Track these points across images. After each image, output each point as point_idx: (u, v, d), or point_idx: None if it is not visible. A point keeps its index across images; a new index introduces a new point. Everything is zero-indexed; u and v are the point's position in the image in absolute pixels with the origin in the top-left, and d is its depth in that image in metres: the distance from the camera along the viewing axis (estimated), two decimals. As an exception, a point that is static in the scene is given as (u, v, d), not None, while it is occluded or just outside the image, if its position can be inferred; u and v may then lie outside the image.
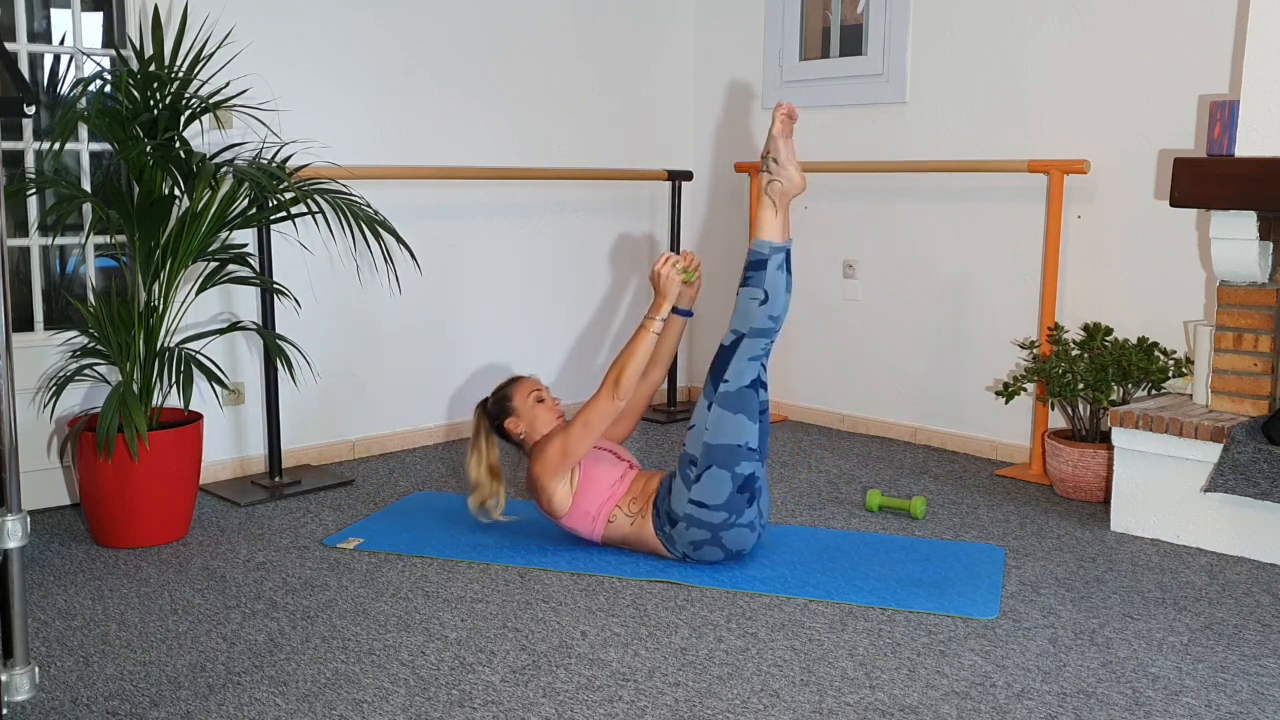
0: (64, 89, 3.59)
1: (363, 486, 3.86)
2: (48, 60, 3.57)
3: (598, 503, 3.09)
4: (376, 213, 3.53)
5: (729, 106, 5.10)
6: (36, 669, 2.16)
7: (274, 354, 3.51)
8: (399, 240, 3.51)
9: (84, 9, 3.55)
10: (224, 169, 3.33)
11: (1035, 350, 4.01)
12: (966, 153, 4.32)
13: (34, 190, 3.37)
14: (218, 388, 3.45)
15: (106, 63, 3.57)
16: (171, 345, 3.35)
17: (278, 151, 3.73)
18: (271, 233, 3.78)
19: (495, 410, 3.24)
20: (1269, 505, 3.15)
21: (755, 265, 2.95)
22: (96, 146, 3.58)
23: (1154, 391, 3.70)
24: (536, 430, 3.18)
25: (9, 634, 1.98)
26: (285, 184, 3.39)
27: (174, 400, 3.68)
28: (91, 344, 3.34)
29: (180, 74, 3.25)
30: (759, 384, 2.96)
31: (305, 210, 3.58)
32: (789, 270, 2.95)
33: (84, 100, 3.18)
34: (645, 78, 5.05)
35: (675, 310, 3.28)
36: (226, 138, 3.77)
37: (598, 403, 3.01)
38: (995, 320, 4.28)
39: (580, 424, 3.02)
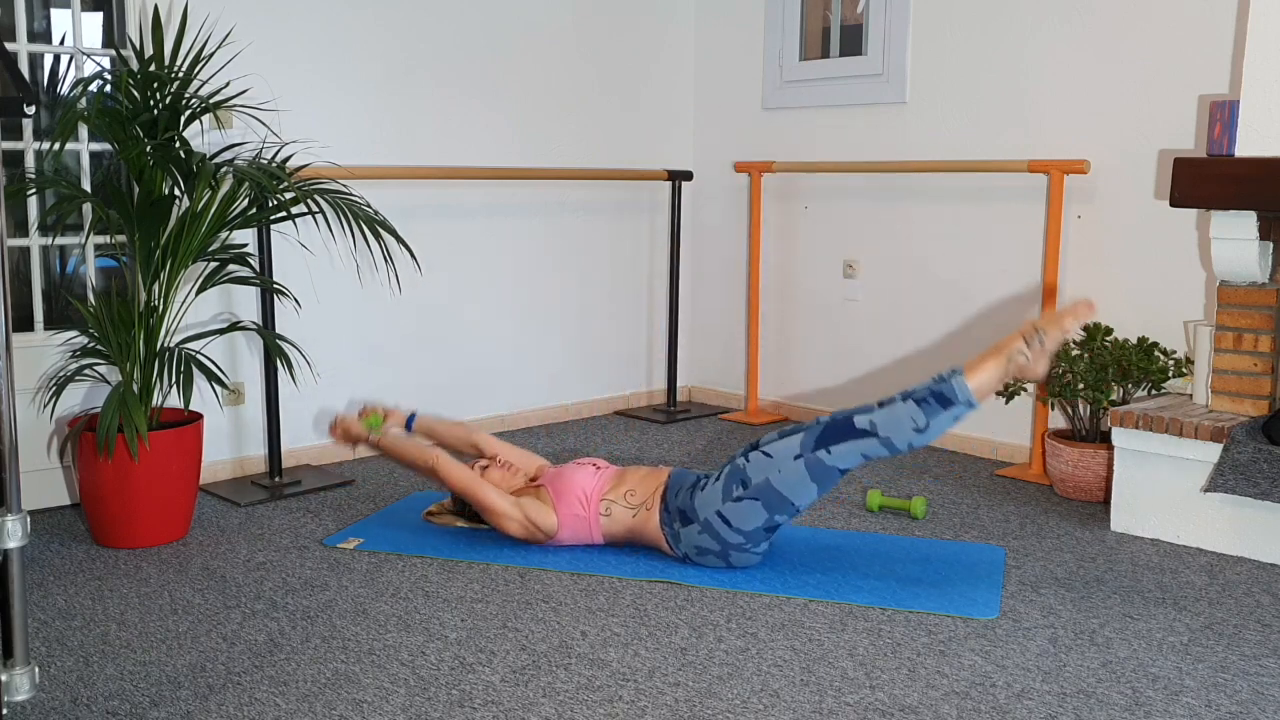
0: (64, 89, 3.59)
1: (363, 486, 3.86)
2: (48, 60, 3.57)
3: (581, 499, 3.11)
4: (376, 213, 3.53)
5: (729, 106, 5.10)
6: (36, 669, 2.16)
7: (274, 354, 3.51)
8: (399, 240, 3.51)
9: (84, 9, 3.55)
10: (224, 169, 3.33)
11: (1035, 350, 4.01)
12: (966, 153, 4.32)
13: (34, 190, 3.37)
14: (218, 388, 3.45)
15: (106, 63, 3.57)
16: (171, 345, 3.35)
17: (278, 151, 3.73)
18: (271, 233, 3.78)
19: (459, 505, 3.34)
20: (1269, 505, 3.15)
21: (942, 400, 2.81)
22: (96, 146, 3.58)
23: (1154, 391, 3.70)
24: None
25: (9, 634, 1.98)
26: (285, 184, 3.39)
27: (174, 400, 3.68)
28: (91, 344, 3.34)
29: (180, 74, 3.25)
30: (847, 472, 2.93)
31: (305, 210, 3.58)
32: (956, 422, 2.86)
33: (84, 100, 3.18)
34: (645, 78, 5.05)
35: (407, 428, 3.46)
36: (226, 138, 3.77)
37: (445, 485, 3.17)
38: (995, 320, 4.28)
39: (466, 496, 3.15)
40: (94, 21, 3.61)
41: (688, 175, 5.00)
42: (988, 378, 2.82)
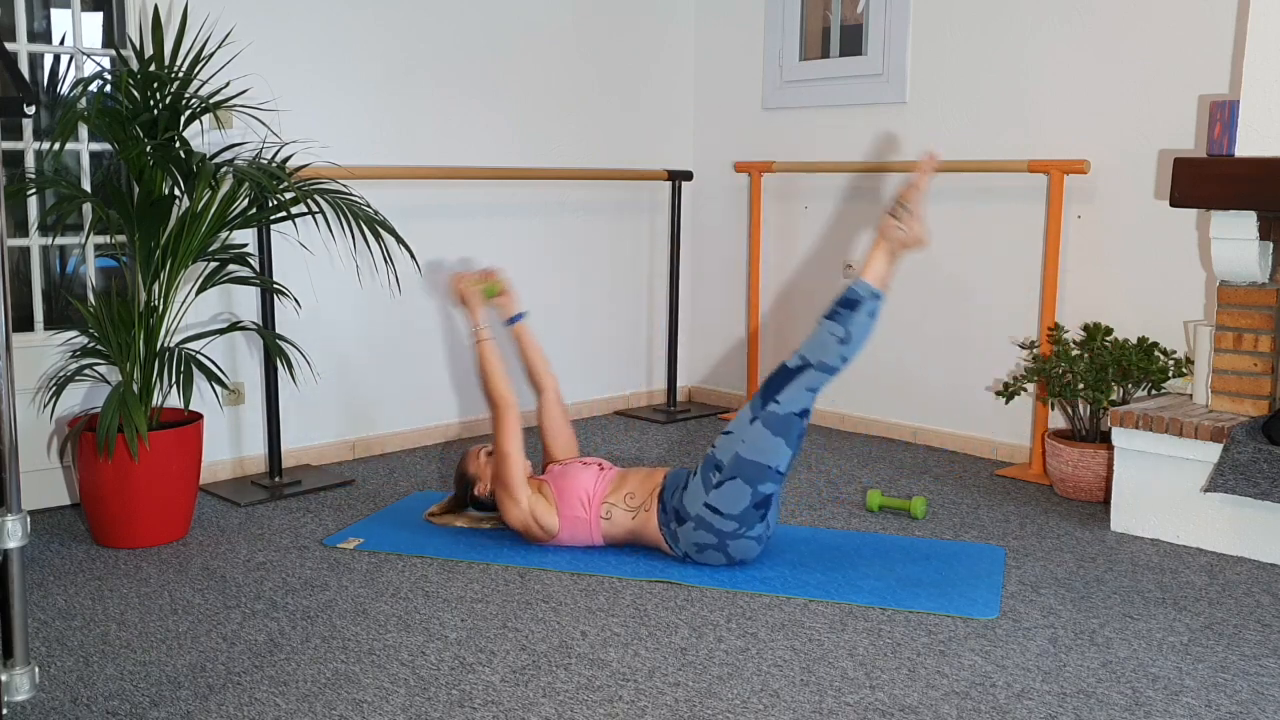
0: (64, 89, 3.59)
1: (363, 486, 3.86)
2: (48, 60, 3.57)
3: (583, 501, 3.10)
4: (376, 213, 3.53)
5: (729, 106, 5.10)
6: (36, 669, 2.16)
7: (274, 354, 3.51)
8: (399, 240, 3.51)
9: (84, 9, 3.55)
10: (224, 169, 3.33)
11: (1035, 350, 4.02)
12: (966, 153, 4.32)
13: (34, 190, 3.37)
14: (218, 388, 3.45)
15: (106, 63, 3.57)
16: (171, 345, 3.35)
17: (278, 151, 3.73)
18: (271, 233, 3.78)
19: (461, 490, 3.33)
20: (1269, 505, 3.15)
21: (848, 303, 2.89)
22: (96, 146, 3.58)
23: (1154, 391, 3.70)
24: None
25: (9, 634, 1.98)
26: (285, 184, 3.39)
27: (174, 400, 3.68)
28: (91, 344, 3.34)
29: (180, 74, 3.25)
30: (806, 413, 2.94)
31: (305, 210, 3.58)
32: (875, 319, 2.91)
33: (84, 100, 3.18)
34: (645, 78, 5.05)
35: (507, 322, 3.41)
36: (226, 138, 3.77)
37: (495, 430, 3.12)
38: (995, 320, 4.29)
39: (498, 458, 3.12)
40: (94, 21, 3.61)
41: (688, 175, 5.00)
42: (878, 265, 2.93)
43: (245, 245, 3.57)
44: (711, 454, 2.99)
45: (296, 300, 4.03)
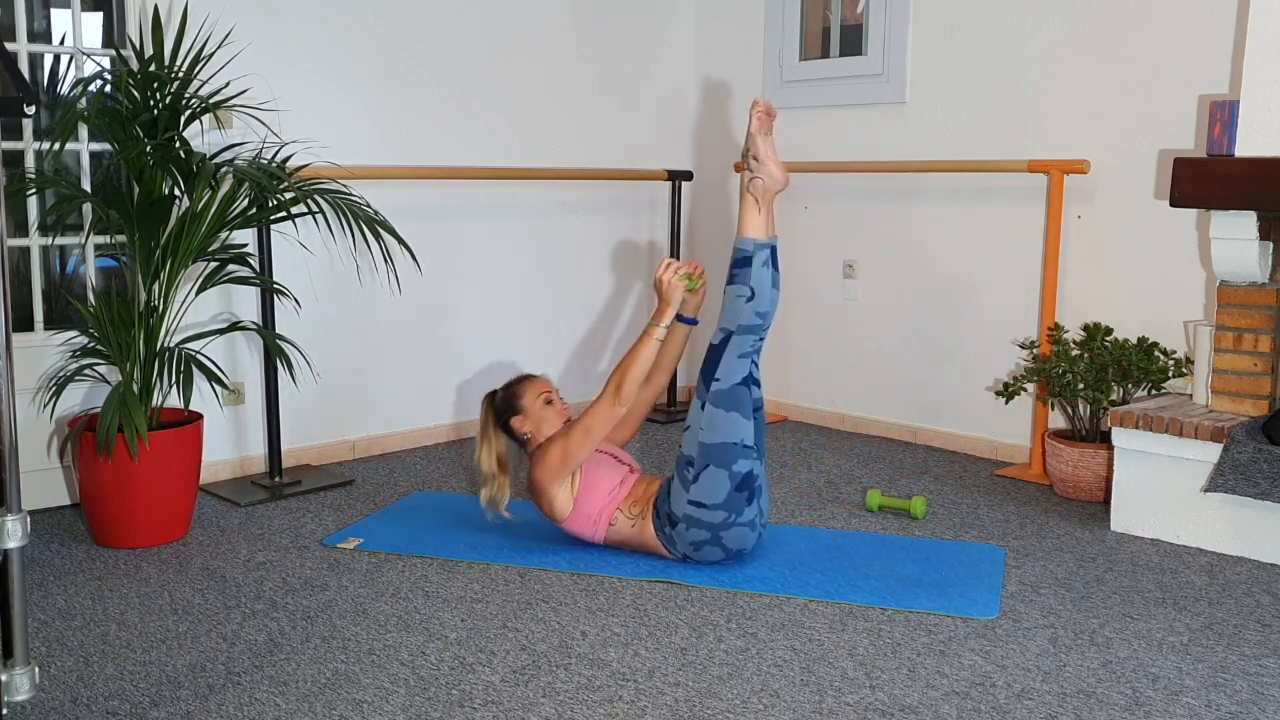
0: (64, 89, 3.59)
1: (363, 486, 3.86)
2: (48, 60, 3.57)
3: (598, 506, 3.09)
4: (376, 213, 3.53)
5: (729, 106, 5.10)
6: (36, 669, 2.16)
7: (274, 354, 3.51)
8: (399, 240, 3.51)
9: (84, 9, 3.55)
10: (224, 169, 3.33)
11: (1035, 350, 4.01)
12: (966, 153, 4.32)
13: (34, 190, 3.37)
14: (218, 388, 3.45)
15: (106, 63, 3.57)
16: (171, 345, 3.35)
17: (278, 151, 3.73)
18: (271, 233, 3.78)
19: (503, 407, 3.22)
20: (1269, 505, 3.15)
21: (740, 263, 2.97)
22: (96, 146, 3.58)
23: (1154, 391, 3.70)
24: (542, 432, 3.17)
25: (9, 634, 1.98)
26: (285, 184, 3.39)
27: (174, 400, 3.68)
28: (91, 344, 3.34)
29: (180, 74, 3.25)
30: (751, 381, 2.96)
31: (305, 210, 3.58)
32: (775, 267, 2.97)
33: (84, 100, 3.18)
34: (645, 78, 5.05)
35: (680, 318, 3.29)
36: (226, 138, 3.77)
37: (599, 408, 3.01)
38: (995, 320, 4.28)
39: (581, 430, 3.02)
40: (94, 21, 3.61)
41: (688, 175, 5.00)
42: (749, 218, 2.99)
43: (245, 245, 3.57)
44: (680, 453, 3.01)
45: (296, 300, 4.03)
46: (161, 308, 3.31)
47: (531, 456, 3.16)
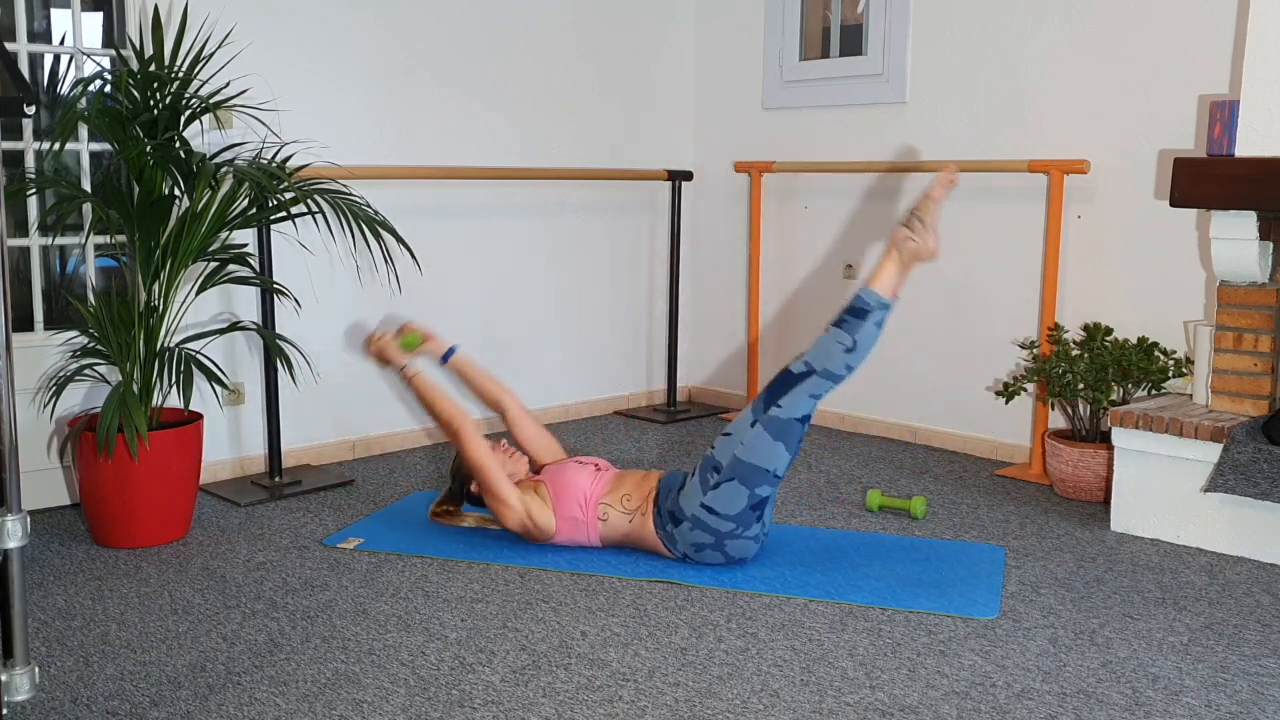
0: (64, 89, 3.59)
1: (363, 486, 3.86)
2: (48, 60, 3.57)
3: (579, 502, 3.10)
4: (376, 213, 3.53)
5: (729, 106, 5.10)
6: (36, 669, 2.16)
7: (274, 354, 3.51)
8: (399, 240, 3.51)
9: (84, 9, 3.55)
10: (224, 169, 3.33)
11: (1035, 350, 4.02)
12: (966, 153, 4.32)
13: (34, 190, 3.37)
14: (218, 388, 3.45)
15: (106, 63, 3.57)
16: (171, 345, 3.35)
17: (278, 151, 3.73)
18: (271, 233, 3.78)
19: (458, 486, 3.32)
20: (1269, 505, 3.15)
21: (857, 312, 2.89)
22: (96, 146, 3.58)
23: (1154, 391, 3.70)
24: None
25: (9, 634, 1.98)
26: (285, 184, 3.39)
27: (174, 400, 3.68)
28: (91, 344, 3.34)
29: (180, 74, 3.25)
30: (807, 419, 2.95)
31: (305, 210, 3.58)
32: (882, 329, 2.93)
33: (84, 100, 3.18)
34: (645, 78, 5.05)
35: (442, 361, 3.40)
36: (226, 138, 3.77)
37: (462, 450, 3.13)
38: (995, 320, 4.29)
39: (476, 474, 3.12)
40: (94, 21, 3.61)
41: (688, 175, 5.00)
42: (888, 276, 2.92)
43: (245, 245, 3.57)
44: (710, 455, 2.99)
45: (296, 300, 4.03)
46: (161, 308, 3.31)
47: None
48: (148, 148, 3.21)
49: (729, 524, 2.96)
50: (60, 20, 3.55)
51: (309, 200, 3.43)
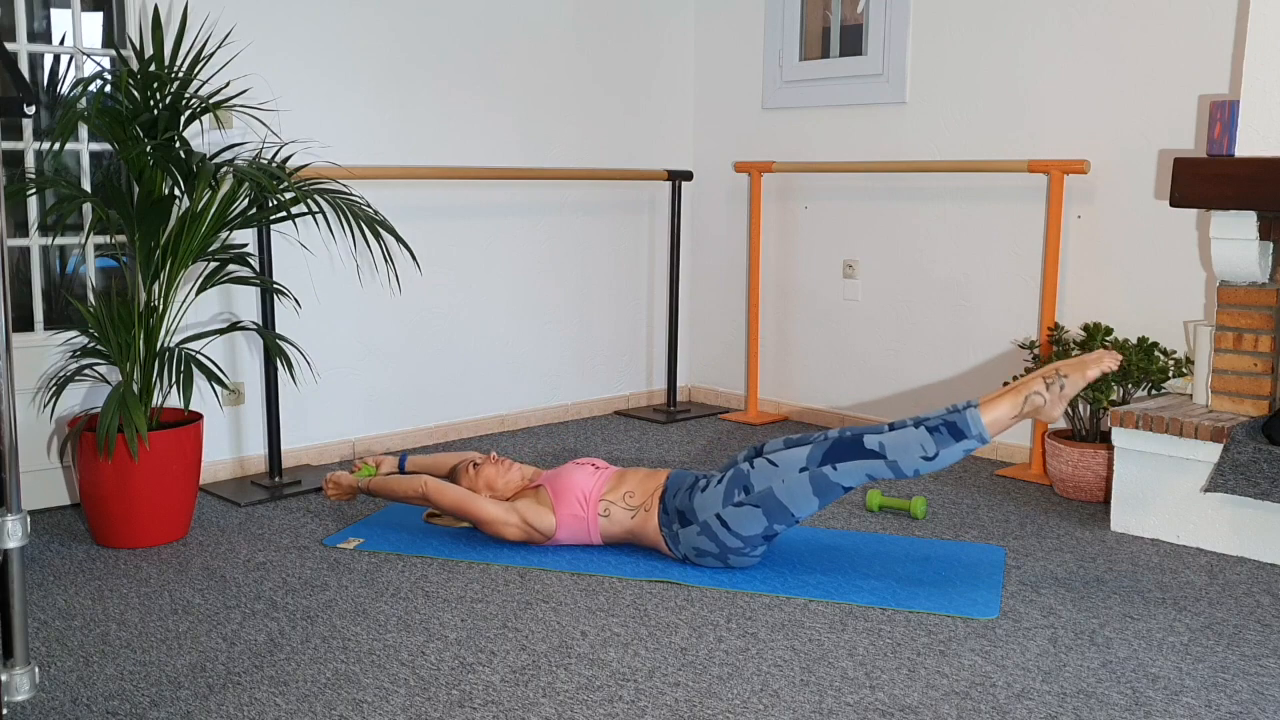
0: (64, 89, 3.59)
1: (363, 486, 3.86)
2: (48, 60, 3.57)
3: (580, 500, 3.11)
4: (376, 213, 3.53)
5: (729, 106, 5.10)
6: (36, 669, 2.16)
7: (274, 354, 3.51)
8: (399, 240, 3.51)
9: (84, 9, 3.55)
10: (224, 169, 3.33)
11: (1035, 350, 4.02)
12: (966, 153, 4.32)
13: (34, 190, 3.37)
14: (218, 388, 3.45)
15: (106, 63, 3.57)
16: (171, 345, 3.35)
17: (278, 151, 3.73)
18: (271, 233, 3.78)
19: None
20: (1269, 505, 3.15)
21: (955, 432, 2.81)
22: (96, 146, 3.58)
23: (1154, 391, 3.70)
24: (494, 488, 3.24)
25: (9, 634, 1.98)
26: (285, 184, 3.39)
27: (174, 400, 3.68)
28: (91, 344, 3.34)
29: (180, 74, 3.25)
30: (851, 489, 2.94)
31: (305, 210, 3.58)
32: (966, 455, 2.90)
33: (84, 100, 3.18)
34: (645, 78, 5.05)
35: (400, 470, 3.47)
36: (226, 138, 3.77)
37: (439, 506, 3.17)
38: (995, 320, 4.28)
39: (463, 515, 3.16)
40: (94, 21, 3.61)
41: (688, 175, 5.00)
42: (1002, 414, 2.83)
43: (245, 245, 3.57)
44: (746, 473, 2.95)
45: (296, 300, 4.03)
46: (161, 308, 3.31)
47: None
48: (148, 148, 3.21)
49: (738, 542, 2.96)
50: (60, 20, 3.55)
51: (309, 200, 3.43)
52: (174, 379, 3.20)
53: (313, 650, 2.53)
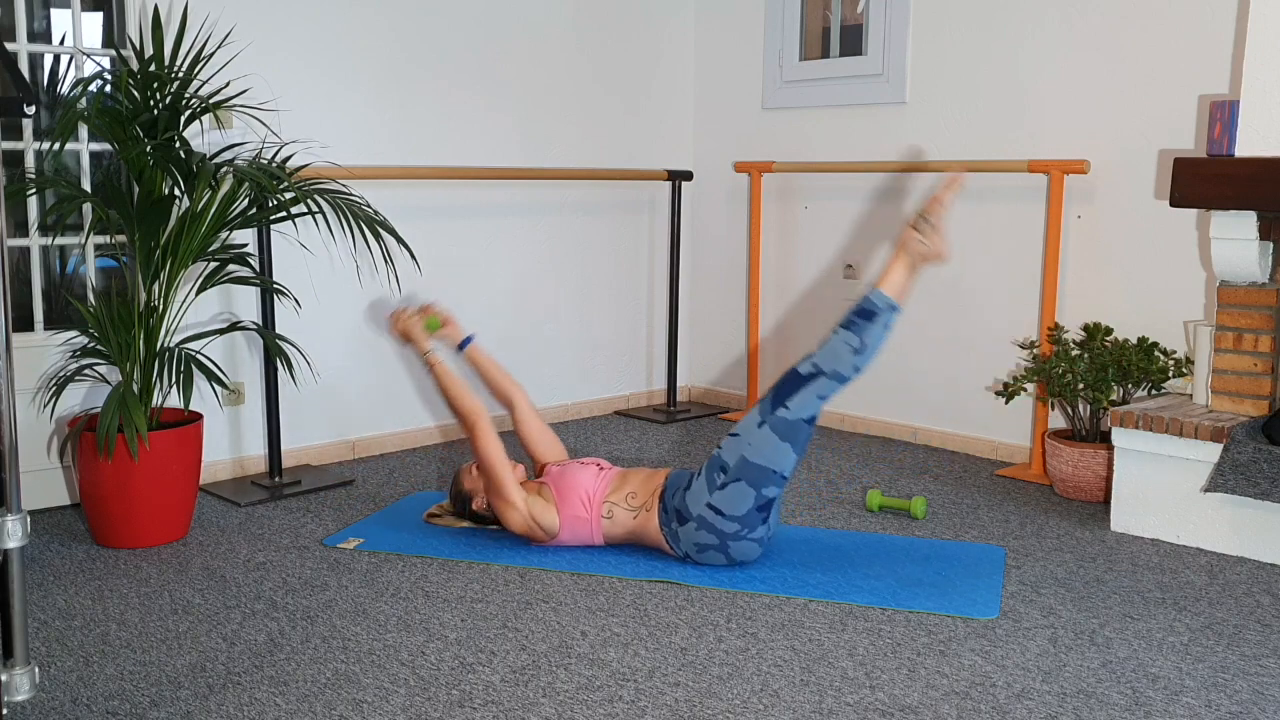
0: (64, 89, 3.59)
1: (363, 486, 3.86)
2: (48, 60, 3.57)
3: (584, 500, 3.11)
4: (376, 213, 3.53)
5: (729, 106, 5.10)
6: (36, 669, 2.16)
7: (274, 354, 3.51)
8: (399, 240, 3.52)
9: (84, 9, 3.55)
10: (224, 169, 3.33)
11: (1035, 350, 4.02)
12: (966, 153, 4.32)
13: (34, 190, 3.37)
14: (218, 388, 3.45)
15: (106, 63, 3.57)
16: (171, 345, 3.35)
17: (278, 151, 3.73)
18: (271, 233, 3.78)
19: (459, 506, 3.31)
20: (1269, 505, 3.15)
21: (865, 314, 2.89)
22: (96, 146, 3.58)
23: (1154, 391, 3.70)
24: None
25: (9, 634, 1.98)
26: (285, 184, 3.39)
27: (174, 400, 3.68)
28: (91, 344, 3.34)
29: (180, 74, 3.26)
30: (814, 420, 2.95)
31: (305, 210, 3.58)
32: (889, 330, 2.93)
33: (84, 100, 3.18)
34: (645, 78, 5.05)
35: (458, 349, 3.43)
36: (226, 138, 3.77)
37: (471, 444, 3.14)
38: (995, 320, 4.29)
39: (482, 469, 3.14)
40: (94, 21, 3.61)
41: (688, 175, 5.00)
42: (897, 278, 2.93)
43: (245, 245, 3.57)
44: (717, 455, 2.99)
45: (296, 300, 4.03)
46: (161, 308, 3.31)
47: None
48: (148, 148, 3.21)
49: (734, 525, 2.96)
50: (60, 20, 3.55)
51: (309, 200, 3.43)
52: (174, 379, 3.20)
53: (313, 650, 2.53)
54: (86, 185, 3.57)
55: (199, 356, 3.32)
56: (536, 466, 3.39)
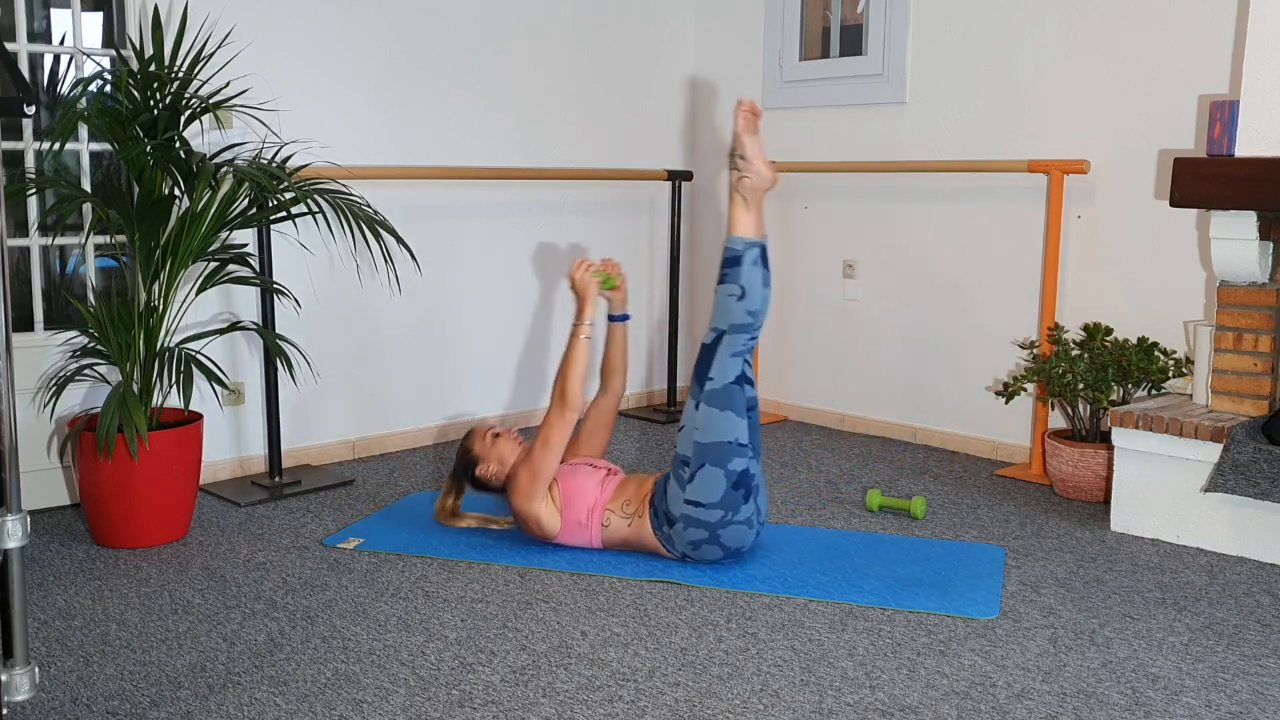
0: (64, 89, 3.59)
1: (363, 486, 3.86)
2: (48, 60, 3.57)
3: (585, 509, 3.10)
4: (376, 213, 3.53)
5: (729, 106, 5.10)
6: (36, 669, 2.16)
7: (274, 354, 3.51)
8: (399, 240, 3.52)
9: (84, 9, 3.55)
10: (224, 169, 3.33)
11: (1035, 350, 4.02)
12: (966, 153, 4.32)
13: (34, 190, 3.37)
14: (218, 388, 3.45)
15: (106, 63, 3.57)
16: (171, 345, 3.35)
17: (278, 151, 3.73)
18: (271, 233, 3.78)
19: (462, 469, 3.30)
20: (1269, 505, 3.15)
21: (730, 262, 2.97)
22: (96, 146, 3.58)
23: (1154, 391, 3.70)
24: (506, 463, 3.23)
25: (9, 634, 1.98)
26: (285, 184, 3.39)
27: (174, 400, 3.68)
28: (91, 344, 3.34)
29: (180, 74, 3.26)
30: (744, 379, 2.96)
31: (305, 210, 3.58)
32: (765, 265, 2.98)
33: (84, 100, 3.18)
34: (645, 78, 5.05)
35: (611, 318, 3.39)
36: (226, 138, 3.77)
37: (550, 418, 3.08)
38: (995, 320, 4.29)
39: (540, 443, 3.07)
40: (94, 21, 3.61)
41: (688, 175, 5.00)
42: (738, 216, 3.01)
43: (245, 245, 3.57)
44: (677, 454, 3.01)
45: (296, 300, 4.03)
46: (161, 308, 3.31)
47: (507, 490, 3.19)
48: (148, 148, 3.21)
49: (717, 511, 2.96)
50: (60, 20, 3.55)
51: (309, 200, 3.43)
52: (174, 379, 3.20)
53: (313, 650, 2.53)
54: (86, 185, 3.57)
55: (199, 356, 3.32)
56: (568, 450, 3.38)
